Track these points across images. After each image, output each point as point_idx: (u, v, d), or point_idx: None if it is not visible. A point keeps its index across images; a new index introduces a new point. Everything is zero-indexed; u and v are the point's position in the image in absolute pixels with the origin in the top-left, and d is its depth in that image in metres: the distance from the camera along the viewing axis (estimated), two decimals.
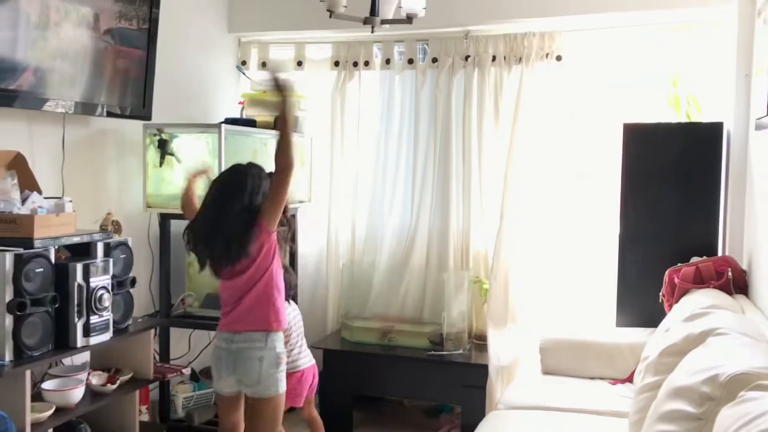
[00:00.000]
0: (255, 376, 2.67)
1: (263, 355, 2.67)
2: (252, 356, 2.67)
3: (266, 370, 2.67)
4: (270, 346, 2.68)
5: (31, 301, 2.59)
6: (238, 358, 2.69)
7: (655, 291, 3.41)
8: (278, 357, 2.70)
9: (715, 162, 3.55)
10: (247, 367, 2.67)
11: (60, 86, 3.06)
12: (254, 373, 2.67)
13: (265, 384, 2.68)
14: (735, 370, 1.77)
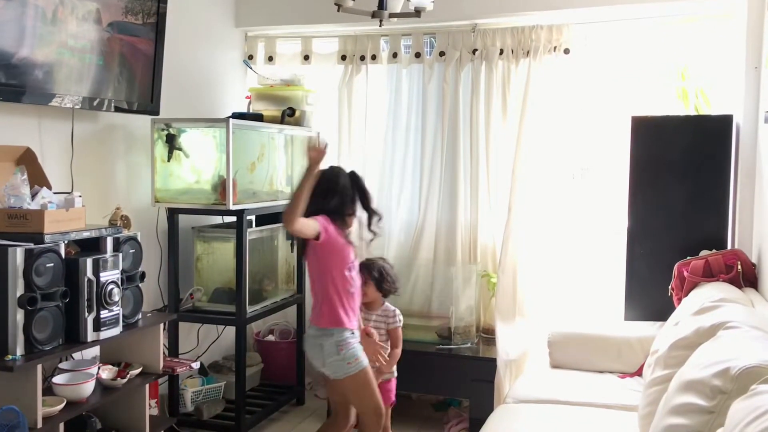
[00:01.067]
0: (319, 360, 3.00)
1: (322, 343, 2.96)
2: (313, 343, 3.00)
3: (328, 356, 2.95)
4: (327, 334, 2.96)
5: (42, 295, 2.60)
6: (307, 345, 3.07)
7: (663, 284, 3.41)
8: (337, 344, 2.92)
9: (725, 155, 3.54)
10: (312, 353, 3.03)
11: (67, 81, 3.06)
12: (318, 358, 3.00)
13: (332, 367, 2.95)
14: (746, 363, 1.77)
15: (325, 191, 2.97)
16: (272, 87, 4.30)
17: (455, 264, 4.21)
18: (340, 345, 2.92)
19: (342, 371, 2.93)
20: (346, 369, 2.93)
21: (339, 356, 2.92)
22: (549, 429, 2.65)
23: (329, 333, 2.94)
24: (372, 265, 3.40)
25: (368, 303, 3.41)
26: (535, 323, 3.99)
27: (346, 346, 2.93)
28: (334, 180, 3.02)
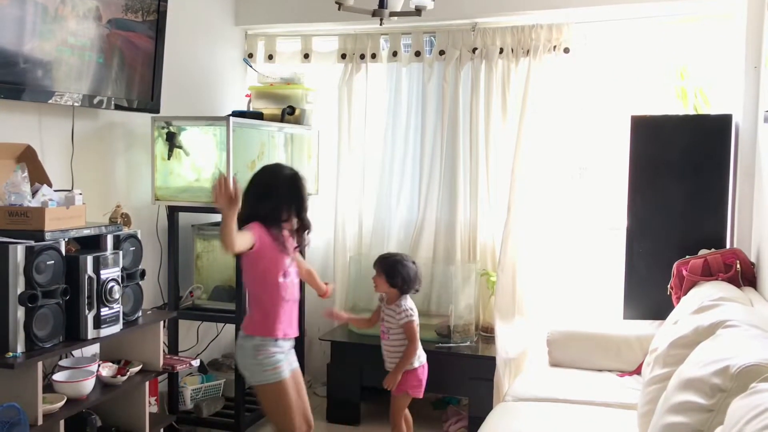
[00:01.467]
0: (240, 363, 2.92)
1: (242, 344, 2.88)
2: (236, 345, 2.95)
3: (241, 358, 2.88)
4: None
5: (42, 293, 2.61)
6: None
7: (662, 283, 3.42)
8: (255, 348, 2.83)
9: (724, 154, 3.55)
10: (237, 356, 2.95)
11: (67, 79, 3.06)
12: (238, 360, 2.93)
13: (250, 372, 2.88)
14: (746, 361, 1.78)
15: (260, 195, 2.83)
16: (272, 85, 4.30)
17: (454, 263, 4.22)
18: (258, 350, 2.82)
19: (257, 377, 2.84)
20: (262, 376, 2.83)
21: (256, 360, 2.82)
22: (548, 427, 2.66)
23: (251, 338, 2.85)
24: (387, 258, 3.40)
25: (387, 298, 3.41)
26: (534, 322, 4.00)
27: (265, 353, 2.82)
28: (271, 183, 2.87)
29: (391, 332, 3.38)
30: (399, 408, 3.39)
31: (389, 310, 3.39)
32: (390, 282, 3.37)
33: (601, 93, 4.17)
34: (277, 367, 2.83)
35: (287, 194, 2.87)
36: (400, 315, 3.36)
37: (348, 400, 4.03)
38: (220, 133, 3.64)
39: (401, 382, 3.35)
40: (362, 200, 4.52)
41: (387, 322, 3.39)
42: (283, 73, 4.35)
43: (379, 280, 3.39)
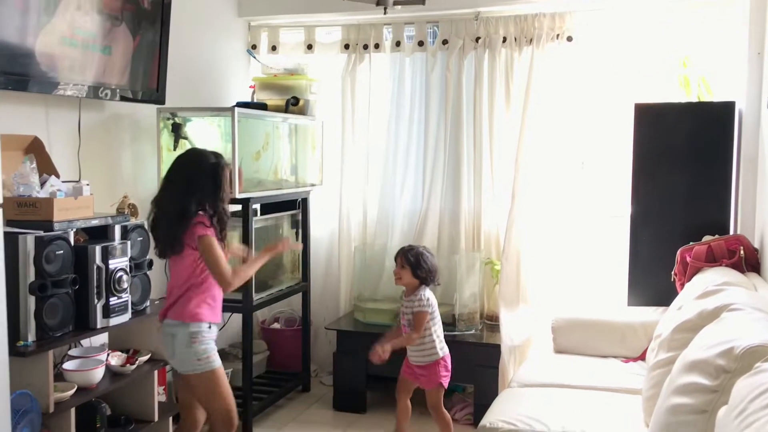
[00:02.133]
0: (169, 351, 2.79)
1: (175, 333, 2.74)
2: (165, 332, 2.79)
3: (179, 347, 2.75)
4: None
5: (52, 282, 2.63)
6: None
7: (666, 270, 3.43)
8: (191, 336, 2.73)
9: (727, 141, 3.56)
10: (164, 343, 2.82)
11: (71, 71, 3.08)
12: (168, 349, 2.80)
13: (181, 360, 2.77)
14: (750, 342, 1.80)
15: (201, 185, 2.74)
16: (276, 76, 4.32)
17: (459, 252, 4.24)
18: (194, 337, 2.72)
19: (190, 367, 2.74)
20: (195, 365, 2.73)
21: (190, 349, 2.72)
22: (554, 411, 2.68)
23: (185, 325, 2.72)
24: (411, 250, 3.37)
25: (407, 291, 3.38)
26: (538, 309, 4.02)
27: (200, 340, 2.73)
28: (209, 171, 2.77)
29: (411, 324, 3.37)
30: (437, 400, 3.37)
31: (408, 302, 3.36)
32: (415, 274, 3.34)
33: (604, 81, 4.17)
34: (211, 356, 2.76)
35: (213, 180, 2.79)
36: (417, 303, 3.30)
37: (354, 389, 4.06)
38: (224, 124, 3.65)
39: (432, 377, 3.33)
40: (366, 190, 4.54)
41: (407, 314, 3.35)
42: (287, 64, 4.36)
43: (403, 272, 3.34)
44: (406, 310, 3.36)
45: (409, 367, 3.42)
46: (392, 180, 4.48)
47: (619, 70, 4.14)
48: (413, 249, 3.39)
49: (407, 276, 3.34)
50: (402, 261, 3.35)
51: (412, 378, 3.42)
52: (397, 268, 3.37)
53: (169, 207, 2.74)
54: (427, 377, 3.35)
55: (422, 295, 3.32)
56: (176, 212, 2.70)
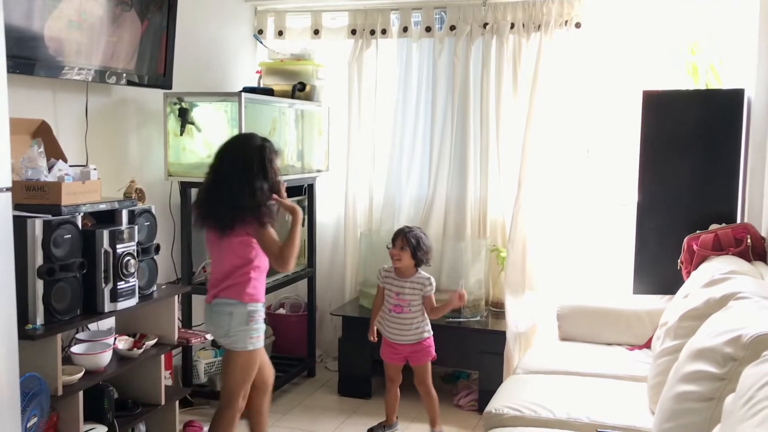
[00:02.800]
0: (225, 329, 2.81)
1: (233, 311, 2.78)
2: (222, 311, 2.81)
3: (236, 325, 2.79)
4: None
5: (60, 266, 2.64)
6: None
7: (673, 258, 3.43)
8: (249, 314, 2.79)
9: (736, 129, 3.54)
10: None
11: (78, 54, 3.07)
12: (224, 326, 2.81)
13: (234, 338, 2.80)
14: (758, 331, 1.80)
15: (264, 171, 2.79)
16: (282, 62, 4.30)
17: (464, 238, 4.24)
18: (251, 316, 2.80)
19: (242, 344, 2.80)
20: (248, 343, 2.80)
21: (248, 327, 2.79)
22: (559, 398, 2.69)
23: (243, 304, 2.79)
24: (411, 231, 3.41)
25: (400, 270, 3.42)
26: (544, 297, 4.02)
27: (256, 319, 2.82)
28: (258, 155, 2.80)
29: (412, 305, 3.39)
30: (426, 375, 3.45)
31: (407, 283, 3.39)
32: (414, 255, 3.37)
33: (612, 68, 4.15)
34: (260, 336, 2.86)
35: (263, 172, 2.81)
36: (428, 287, 3.38)
37: (359, 375, 4.08)
38: (231, 110, 3.65)
39: (425, 352, 3.41)
40: (372, 176, 4.53)
41: (407, 295, 3.39)
42: (294, 50, 4.35)
43: (403, 254, 3.37)
44: (411, 292, 3.39)
45: (394, 349, 3.44)
46: (398, 166, 4.48)
47: (627, 57, 4.12)
48: (413, 230, 3.41)
49: (407, 258, 3.37)
50: (402, 242, 3.37)
51: (399, 360, 3.45)
52: (396, 249, 3.40)
53: (223, 188, 2.75)
54: (419, 353, 3.41)
55: (428, 278, 3.40)
56: (232, 194, 2.72)
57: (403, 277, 3.41)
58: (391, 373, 3.51)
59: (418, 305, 3.39)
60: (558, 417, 2.56)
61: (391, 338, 3.44)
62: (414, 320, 3.39)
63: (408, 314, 3.40)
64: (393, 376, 3.51)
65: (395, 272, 3.44)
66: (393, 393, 3.54)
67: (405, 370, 3.53)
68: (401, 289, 3.40)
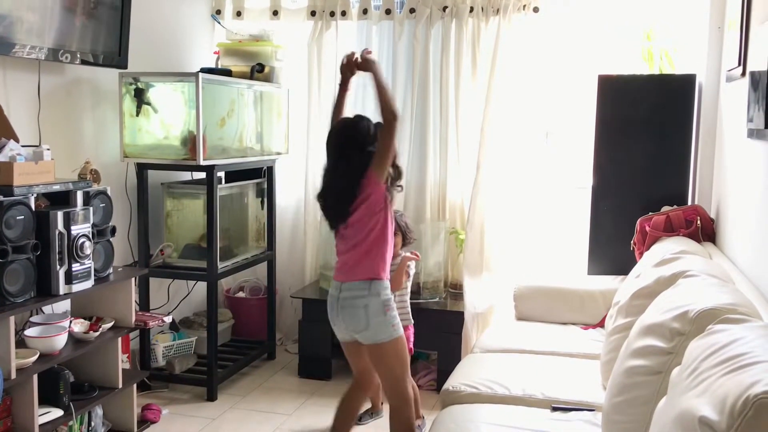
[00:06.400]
0: (363, 323, 2.67)
1: (368, 303, 2.66)
2: (357, 305, 2.66)
3: (373, 317, 2.66)
4: (374, 293, 2.66)
5: (13, 248, 2.59)
6: (344, 307, 2.70)
7: (626, 240, 3.51)
8: (384, 304, 2.67)
9: (687, 114, 3.63)
10: (353, 315, 2.68)
11: (29, 32, 2.99)
12: (361, 320, 2.67)
13: (375, 330, 2.67)
14: (704, 306, 1.86)
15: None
16: (241, 42, 4.26)
17: (424, 221, 4.27)
18: (386, 304, 2.68)
19: (386, 334, 2.68)
20: (390, 332, 2.68)
21: (386, 316, 2.67)
22: (515, 375, 2.75)
23: (375, 286, 2.66)
24: (399, 216, 3.38)
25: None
26: (501, 278, 4.09)
27: (391, 305, 2.70)
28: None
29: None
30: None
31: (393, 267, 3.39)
32: (405, 238, 3.39)
33: (570, 53, 4.21)
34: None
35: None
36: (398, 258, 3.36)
37: (319, 356, 4.09)
38: (188, 90, 3.60)
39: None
40: None
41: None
42: (252, 30, 4.31)
43: (397, 240, 3.33)
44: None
45: None
46: None
47: (584, 42, 4.18)
48: (401, 214, 3.43)
49: (400, 243, 3.38)
50: (396, 229, 3.36)
51: None
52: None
53: None
54: None
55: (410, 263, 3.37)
56: None
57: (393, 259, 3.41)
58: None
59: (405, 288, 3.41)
60: (513, 393, 2.61)
61: None
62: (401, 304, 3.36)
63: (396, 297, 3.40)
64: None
65: None
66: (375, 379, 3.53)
67: None
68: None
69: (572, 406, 2.50)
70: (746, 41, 2.88)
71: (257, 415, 3.61)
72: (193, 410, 3.65)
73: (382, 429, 3.48)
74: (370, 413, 3.58)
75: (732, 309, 1.84)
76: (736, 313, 1.83)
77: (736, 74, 2.97)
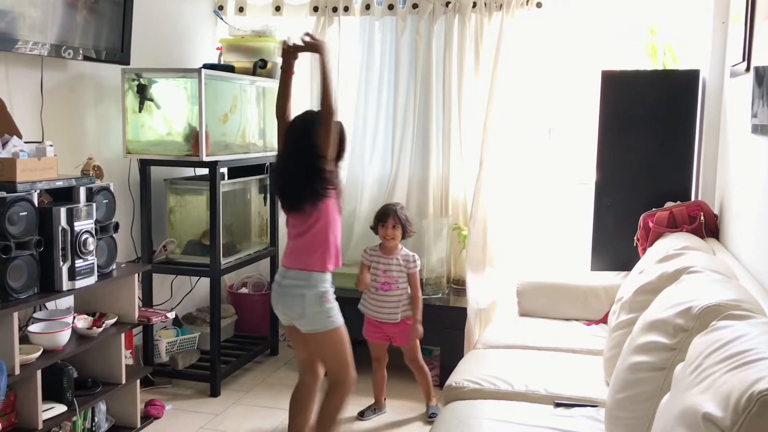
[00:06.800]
0: (298, 311, 2.75)
1: (304, 293, 2.73)
2: (294, 293, 2.75)
3: (309, 307, 2.73)
4: (312, 284, 2.74)
5: (16, 244, 2.59)
6: (283, 294, 2.78)
7: (629, 236, 3.50)
8: (320, 296, 2.74)
9: (691, 109, 3.62)
10: (290, 303, 2.76)
11: (32, 28, 2.99)
12: (296, 308, 2.75)
13: (311, 319, 2.74)
14: (707, 302, 1.85)
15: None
16: (243, 38, 4.25)
17: (427, 217, 4.27)
18: (323, 295, 2.75)
19: (320, 325, 2.76)
20: (325, 323, 2.76)
21: (321, 308, 2.74)
22: (518, 371, 2.75)
23: (315, 278, 2.74)
24: (400, 209, 3.42)
25: (387, 248, 3.44)
26: (504, 273, 4.08)
27: (328, 297, 2.77)
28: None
29: (399, 282, 3.43)
30: (416, 352, 3.51)
31: (394, 260, 3.42)
32: (405, 231, 3.40)
33: (573, 48, 4.20)
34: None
35: None
36: (413, 264, 3.43)
37: None
38: (191, 86, 3.60)
39: (407, 334, 3.46)
40: None
41: (394, 272, 3.42)
42: (255, 26, 4.30)
43: (397, 232, 3.39)
44: (397, 269, 3.43)
45: (377, 328, 3.47)
46: (361, 145, 4.47)
47: (587, 38, 4.17)
48: (400, 208, 3.45)
49: (399, 235, 3.39)
50: (395, 221, 3.38)
51: (383, 339, 3.48)
52: (389, 229, 3.40)
53: None
54: (401, 334, 3.46)
55: (413, 255, 3.45)
56: None
57: (390, 254, 3.44)
58: (376, 352, 3.55)
59: (405, 282, 3.44)
60: (516, 389, 2.61)
61: (375, 316, 3.47)
62: (400, 297, 3.44)
63: (395, 291, 3.44)
64: (379, 356, 3.55)
65: (382, 250, 3.46)
66: (380, 374, 3.57)
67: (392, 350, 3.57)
68: (388, 266, 3.43)
69: (575, 402, 2.50)
70: (751, 36, 2.87)
71: (260, 411, 3.61)
72: (197, 406, 3.65)
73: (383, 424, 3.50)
74: (373, 409, 3.59)
75: (736, 305, 1.83)
76: (740, 309, 1.82)
77: (741, 69, 2.96)
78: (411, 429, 3.46)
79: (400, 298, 3.44)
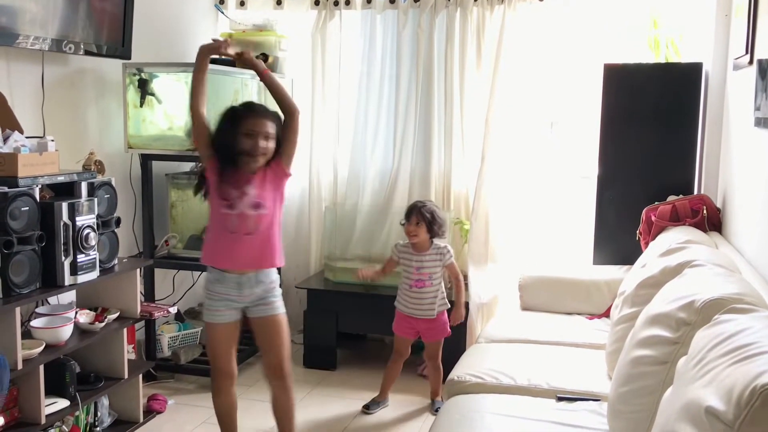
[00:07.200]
0: None
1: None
2: None
3: None
4: (205, 278, 2.91)
5: (18, 239, 2.59)
6: None
7: (631, 230, 3.50)
8: (204, 288, 2.90)
9: (694, 102, 3.61)
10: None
11: (32, 23, 2.98)
12: None
13: None
14: (710, 296, 1.85)
15: None
16: (244, 32, 4.24)
17: None
18: (205, 292, 2.94)
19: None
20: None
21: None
22: (520, 365, 2.75)
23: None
24: (424, 207, 3.42)
25: (417, 245, 3.44)
26: (506, 268, 4.08)
27: (206, 295, 2.93)
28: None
29: (433, 278, 3.43)
30: (437, 350, 3.52)
31: (426, 256, 3.43)
32: (431, 230, 3.40)
33: (575, 42, 4.18)
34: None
35: None
36: (448, 255, 3.43)
37: (324, 347, 4.10)
38: None
39: (440, 329, 3.47)
40: (337, 150, 4.51)
41: (427, 268, 3.42)
42: (256, 20, 4.29)
43: (419, 230, 3.39)
44: (430, 264, 3.43)
45: (408, 323, 3.48)
46: (363, 139, 4.46)
47: (589, 31, 4.15)
48: (426, 205, 3.44)
49: (423, 233, 3.40)
50: (418, 218, 3.38)
51: (411, 335, 3.49)
52: (412, 225, 3.41)
53: None
54: (433, 330, 3.46)
55: (445, 246, 3.45)
56: None
57: (421, 251, 3.44)
58: (400, 346, 3.55)
59: (439, 276, 3.44)
60: (519, 383, 2.61)
61: (412, 313, 3.46)
62: (437, 293, 3.44)
63: (430, 288, 3.43)
64: (402, 350, 3.56)
65: (412, 248, 3.46)
66: (396, 367, 3.57)
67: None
68: (421, 263, 3.43)
69: (577, 396, 2.50)
70: (754, 29, 2.85)
71: (263, 405, 3.61)
72: (199, 400, 3.66)
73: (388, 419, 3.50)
74: (377, 402, 3.59)
75: (739, 299, 1.83)
76: (743, 302, 1.82)
77: (744, 62, 2.95)
78: (415, 423, 3.46)
79: (435, 293, 3.44)
